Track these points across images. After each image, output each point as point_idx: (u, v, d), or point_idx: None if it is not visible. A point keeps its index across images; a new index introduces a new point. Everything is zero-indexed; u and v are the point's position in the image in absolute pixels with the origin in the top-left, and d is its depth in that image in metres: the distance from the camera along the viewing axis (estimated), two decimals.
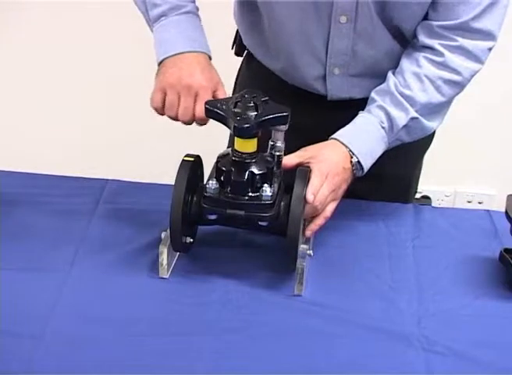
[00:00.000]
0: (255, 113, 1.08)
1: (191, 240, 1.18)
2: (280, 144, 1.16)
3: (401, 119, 1.25)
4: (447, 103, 1.30)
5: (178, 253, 1.20)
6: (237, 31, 1.48)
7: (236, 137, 1.10)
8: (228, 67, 1.47)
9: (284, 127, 1.14)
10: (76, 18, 2.25)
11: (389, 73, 1.29)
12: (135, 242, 1.23)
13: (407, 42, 1.31)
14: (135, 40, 2.21)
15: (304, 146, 1.22)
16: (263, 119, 1.08)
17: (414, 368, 1.01)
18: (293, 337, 1.05)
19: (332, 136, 1.25)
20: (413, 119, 1.26)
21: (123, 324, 1.06)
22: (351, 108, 1.30)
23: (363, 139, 1.25)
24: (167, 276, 1.16)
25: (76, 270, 1.16)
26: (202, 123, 1.22)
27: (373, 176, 1.27)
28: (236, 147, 1.11)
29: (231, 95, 1.21)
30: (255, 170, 1.10)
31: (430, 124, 1.29)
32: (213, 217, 1.17)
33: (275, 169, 1.14)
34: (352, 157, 1.22)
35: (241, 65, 1.54)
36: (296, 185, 1.12)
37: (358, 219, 1.33)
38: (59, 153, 2.40)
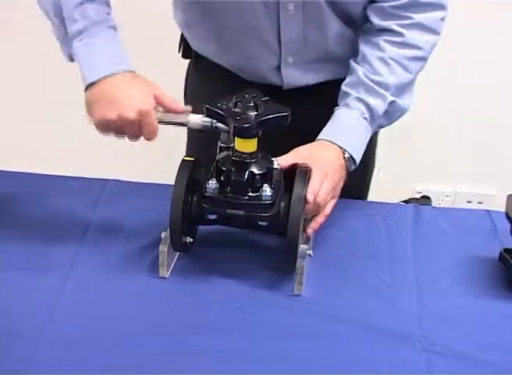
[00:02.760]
0: (255, 113, 1.08)
1: (191, 240, 1.18)
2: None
3: (380, 106, 1.27)
4: (415, 79, 1.33)
5: (178, 253, 1.20)
6: (182, 33, 1.46)
7: (236, 137, 1.10)
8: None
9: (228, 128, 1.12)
10: None
11: (353, 63, 1.30)
12: (135, 242, 1.23)
13: (356, 25, 1.32)
14: (135, 40, 2.22)
15: (264, 140, 1.20)
16: (263, 119, 1.08)
17: (414, 368, 1.01)
18: (293, 337, 1.05)
19: (319, 137, 1.25)
20: (391, 103, 1.28)
21: (123, 324, 1.06)
22: (306, 95, 1.33)
23: (350, 134, 1.26)
24: (167, 276, 1.16)
25: (76, 270, 1.16)
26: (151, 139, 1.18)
27: None
28: (236, 147, 1.11)
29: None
30: (255, 170, 1.11)
31: (405, 103, 1.32)
32: (213, 217, 1.17)
33: (275, 166, 1.14)
34: (344, 153, 1.23)
35: (188, 67, 1.52)
36: (296, 185, 1.11)
37: (358, 219, 1.33)
38: (59, 153, 2.39)
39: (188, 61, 1.51)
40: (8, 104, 2.38)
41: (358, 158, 1.25)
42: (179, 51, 1.48)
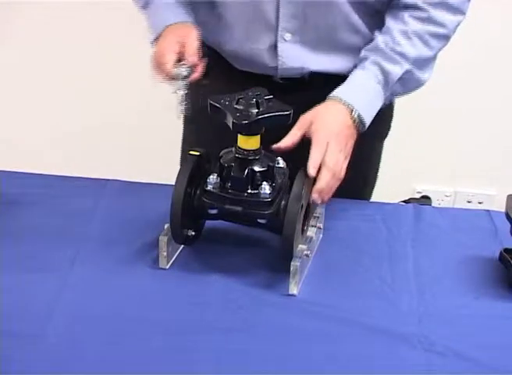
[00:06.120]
0: (256, 111, 1.09)
1: (192, 233, 1.18)
2: None
3: (396, 72, 1.27)
4: (435, 56, 1.33)
5: (181, 247, 1.20)
6: None
7: (238, 134, 1.11)
8: None
9: None
10: (76, 18, 2.25)
11: (376, 33, 1.30)
12: (135, 242, 1.23)
13: (367, 12, 1.31)
14: (136, 41, 2.22)
15: (270, 137, 1.18)
16: (262, 116, 1.08)
17: (414, 368, 1.01)
18: (292, 337, 1.05)
19: (330, 95, 1.24)
20: (407, 71, 1.28)
21: (123, 324, 1.06)
22: (302, 88, 1.31)
23: (360, 94, 1.26)
24: (167, 267, 1.16)
25: (77, 270, 1.16)
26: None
27: None
28: (238, 143, 1.11)
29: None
30: (256, 167, 1.11)
31: (423, 76, 1.32)
32: (214, 212, 1.17)
33: (280, 165, 1.15)
34: (352, 112, 1.22)
35: None
36: (294, 185, 1.11)
37: (358, 219, 1.33)
38: (59, 153, 2.40)
39: None
40: (9, 104, 2.38)
41: (367, 119, 1.24)
42: None
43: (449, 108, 2.34)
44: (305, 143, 1.17)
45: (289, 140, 1.17)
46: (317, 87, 1.31)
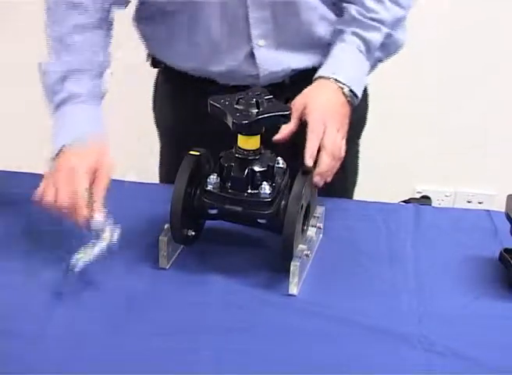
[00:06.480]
0: (256, 111, 1.09)
1: (192, 233, 1.18)
2: None
3: (376, 39, 1.27)
4: (406, 15, 1.32)
5: (181, 247, 1.20)
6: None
7: (238, 134, 1.11)
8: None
9: None
10: None
11: (345, 4, 1.29)
12: (135, 242, 1.22)
13: (337, 7, 1.30)
14: (136, 40, 2.22)
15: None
16: (262, 116, 1.08)
17: (414, 368, 1.01)
18: (292, 337, 1.05)
19: (316, 74, 1.24)
20: (387, 35, 1.28)
21: (124, 324, 1.06)
22: (284, 92, 1.29)
23: (346, 68, 1.25)
24: (167, 267, 1.16)
25: (77, 270, 1.16)
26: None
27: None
28: (238, 144, 1.11)
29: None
30: (256, 167, 1.11)
31: (399, 37, 1.31)
32: (214, 212, 1.17)
33: (280, 165, 1.15)
34: (343, 88, 1.22)
35: (157, 78, 1.49)
36: (294, 185, 1.11)
37: (358, 219, 1.33)
38: None
39: (155, 73, 1.48)
40: (9, 104, 2.38)
41: (359, 91, 1.24)
42: (147, 60, 1.44)
43: (449, 109, 2.35)
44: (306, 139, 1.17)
45: (286, 128, 1.17)
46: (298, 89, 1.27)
